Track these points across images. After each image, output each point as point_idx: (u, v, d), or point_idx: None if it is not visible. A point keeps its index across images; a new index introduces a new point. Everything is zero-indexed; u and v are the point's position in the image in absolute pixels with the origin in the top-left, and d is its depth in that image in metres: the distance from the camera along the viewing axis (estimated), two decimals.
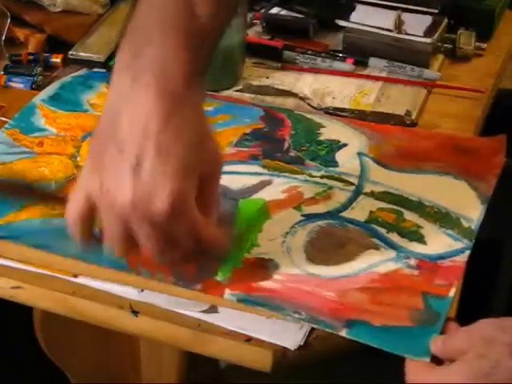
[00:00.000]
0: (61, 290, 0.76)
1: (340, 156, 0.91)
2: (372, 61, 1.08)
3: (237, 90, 1.04)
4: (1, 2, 1.11)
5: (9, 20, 1.10)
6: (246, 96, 1.03)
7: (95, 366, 1.20)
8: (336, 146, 0.92)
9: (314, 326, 0.71)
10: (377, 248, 0.79)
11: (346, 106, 1.01)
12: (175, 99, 0.68)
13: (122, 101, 0.69)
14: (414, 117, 0.99)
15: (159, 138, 0.67)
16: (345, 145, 0.92)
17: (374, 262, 0.77)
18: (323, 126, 0.95)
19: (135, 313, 0.75)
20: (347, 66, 1.08)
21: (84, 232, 0.72)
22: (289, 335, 0.72)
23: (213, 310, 0.74)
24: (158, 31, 0.70)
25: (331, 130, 0.95)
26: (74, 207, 0.71)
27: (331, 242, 0.80)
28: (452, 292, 0.74)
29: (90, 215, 0.71)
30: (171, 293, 0.76)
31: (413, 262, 0.77)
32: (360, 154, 0.91)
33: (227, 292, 0.74)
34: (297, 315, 0.72)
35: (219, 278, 0.76)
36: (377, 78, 1.06)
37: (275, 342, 0.72)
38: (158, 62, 0.69)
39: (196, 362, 1.11)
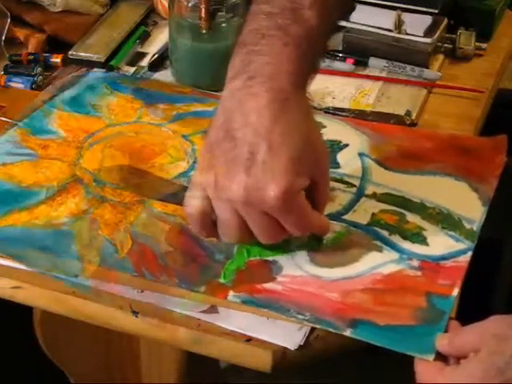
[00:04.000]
0: (61, 290, 0.76)
1: (342, 157, 0.91)
2: (372, 61, 1.08)
3: None
4: (1, 2, 1.11)
5: (9, 20, 1.10)
6: None
7: (95, 366, 1.20)
8: (337, 146, 0.92)
9: (319, 327, 0.71)
10: (380, 250, 0.79)
11: (346, 106, 1.01)
12: (284, 100, 0.73)
13: (236, 101, 0.73)
14: (413, 117, 0.99)
15: (270, 136, 0.72)
16: (346, 145, 0.92)
17: (377, 264, 0.77)
18: (324, 126, 0.95)
19: (135, 313, 0.75)
20: (347, 66, 1.08)
21: (204, 226, 0.76)
22: (289, 335, 0.72)
23: (213, 310, 0.74)
24: (267, 39, 0.75)
25: (332, 129, 0.94)
26: (193, 204, 0.75)
27: (334, 244, 0.79)
28: (455, 291, 0.74)
29: (208, 210, 0.75)
30: (171, 293, 0.76)
31: (415, 263, 0.77)
32: (361, 155, 0.91)
33: (231, 294, 0.74)
34: (301, 316, 0.72)
35: (222, 279, 0.76)
36: (377, 78, 1.06)
37: (275, 342, 0.72)
38: (268, 67, 0.74)
39: (196, 362, 1.11)
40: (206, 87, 1.02)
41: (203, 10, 1.01)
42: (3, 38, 1.10)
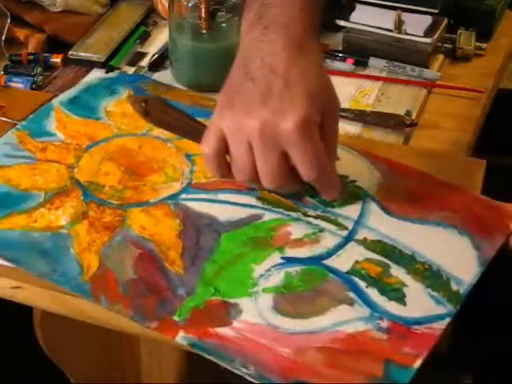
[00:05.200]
0: (61, 290, 0.76)
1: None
2: (372, 61, 1.08)
3: None
4: (1, 2, 1.11)
5: (9, 20, 1.10)
6: None
7: (95, 366, 1.20)
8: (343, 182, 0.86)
9: None
10: (351, 303, 0.74)
11: (346, 106, 1.01)
12: (299, 46, 0.77)
13: (253, 48, 0.78)
14: (413, 117, 0.99)
15: (286, 73, 0.76)
16: (353, 181, 0.87)
17: (343, 320, 0.72)
18: (338, 159, 0.87)
19: None
20: (347, 65, 1.08)
21: (219, 166, 0.79)
22: None
23: None
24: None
25: (345, 163, 0.88)
26: (208, 144, 0.78)
27: (303, 292, 0.75)
28: (417, 363, 0.68)
29: (224, 150, 0.78)
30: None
31: (385, 324, 0.72)
32: (364, 196, 0.85)
33: (180, 334, 0.71)
34: (244, 369, 0.68)
35: (177, 317, 0.73)
36: (377, 78, 1.06)
37: None
38: (281, 17, 0.78)
39: (196, 362, 1.11)
40: (207, 87, 1.02)
41: (203, 10, 1.01)
42: (3, 37, 1.10)
